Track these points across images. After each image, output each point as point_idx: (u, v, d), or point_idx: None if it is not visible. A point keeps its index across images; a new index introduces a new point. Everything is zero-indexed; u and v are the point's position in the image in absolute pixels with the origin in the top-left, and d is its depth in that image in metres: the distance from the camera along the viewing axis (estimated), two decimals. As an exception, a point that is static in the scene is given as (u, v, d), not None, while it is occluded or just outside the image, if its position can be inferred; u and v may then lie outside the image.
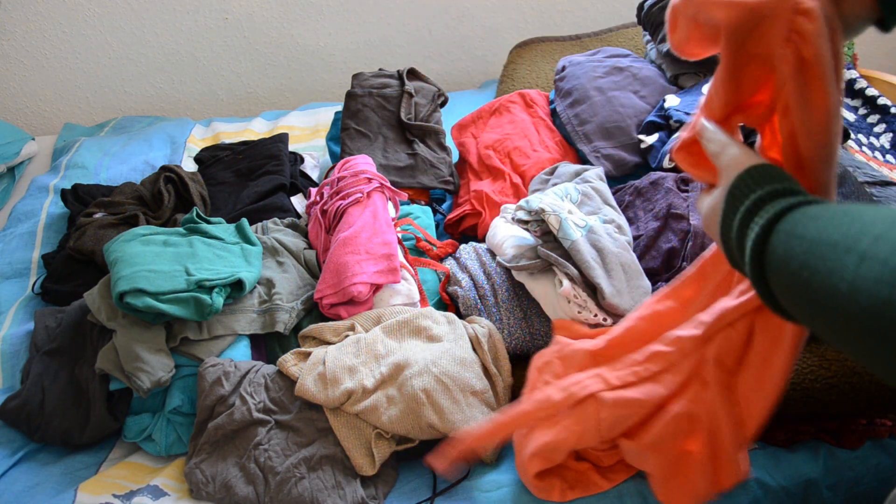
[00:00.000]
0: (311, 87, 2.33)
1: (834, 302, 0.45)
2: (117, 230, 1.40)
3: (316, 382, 1.04)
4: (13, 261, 1.53)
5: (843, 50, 0.72)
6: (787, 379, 0.76)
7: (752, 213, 0.56)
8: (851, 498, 1.00)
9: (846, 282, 0.43)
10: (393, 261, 1.19)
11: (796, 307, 0.52)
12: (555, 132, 1.55)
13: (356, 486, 0.99)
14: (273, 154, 1.63)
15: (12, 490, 1.06)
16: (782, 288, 0.52)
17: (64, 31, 2.14)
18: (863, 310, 0.42)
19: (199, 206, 1.48)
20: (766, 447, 1.02)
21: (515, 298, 1.16)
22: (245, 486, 1.00)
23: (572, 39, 1.99)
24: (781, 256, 0.51)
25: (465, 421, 1.00)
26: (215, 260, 1.22)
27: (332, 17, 2.21)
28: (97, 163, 1.82)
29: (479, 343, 1.10)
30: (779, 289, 0.53)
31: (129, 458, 1.12)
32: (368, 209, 1.28)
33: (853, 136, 1.54)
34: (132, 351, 1.08)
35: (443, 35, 2.28)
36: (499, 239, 1.22)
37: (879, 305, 0.41)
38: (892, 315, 0.40)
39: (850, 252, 0.44)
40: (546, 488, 0.95)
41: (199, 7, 2.14)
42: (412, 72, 1.71)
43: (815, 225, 0.49)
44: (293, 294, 1.23)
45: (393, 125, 1.60)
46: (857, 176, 1.13)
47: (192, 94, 2.30)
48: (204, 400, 1.06)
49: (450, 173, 1.53)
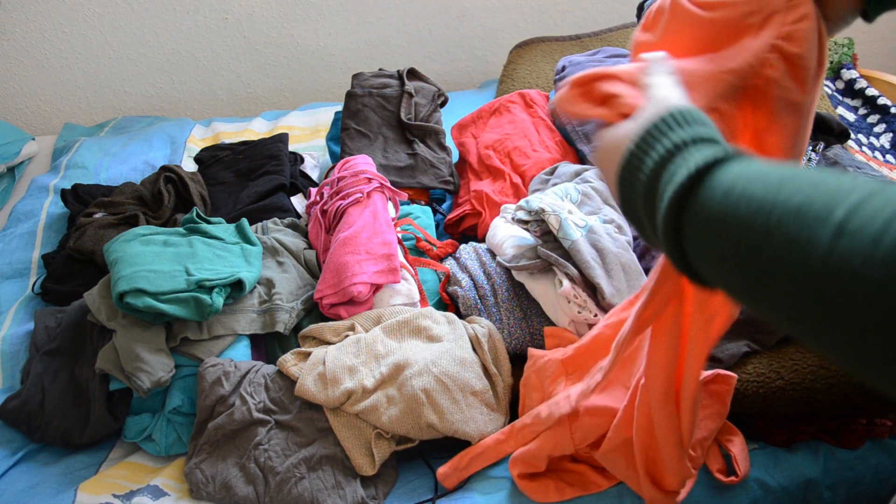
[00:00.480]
0: (311, 87, 2.33)
1: (797, 276, 0.38)
2: (117, 230, 1.40)
3: (316, 382, 1.04)
4: (13, 261, 1.53)
5: (827, 51, 0.72)
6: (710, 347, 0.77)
7: (672, 154, 0.48)
8: (851, 498, 1.00)
9: (817, 257, 0.37)
10: (393, 261, 1.19)
11: (728, 275, 0.44)
12: (555, 132, 1.55)
13: (356, 486, 0.99)
14: (273, 154, 1.63)
15: (12, 490, 1.06)
16: (710, 251, 0.45)
17: (64, 31, 2.14)
18: (843, 291, 0.36)
19: (199, 206, 1.48)
20: (766, 447, 1.02)
21: (515, 298, 1.16)
22: (245, 486, 1.00)
23: (572, 39, 1.99)
24: (716, 215, 0.43)
25: (465, 421, 1.01)
26: (215, 260, 1.22)
27: (332, 17, 2.21)
28: (97, 163, 1.82)
29: (479, 343, 1.10)
30: (704, 251, 0.45)
31: (129, 458, 1.12)
32: (368, 209, 1.28)
33: (853, 136, 1.54)
34: (132, 351, 1.08)
35: (443, 35, 2.28)
36: (499, 239, 1.22)
37: (873, 289, 0.34)
38: (890, 301, 0.34)
39: (820, 222, 0.37)
40: (540, 489, 0.97)
41: (199, 7, 2.14)
42: (412, 72, 1.71)
43: (765, 184, 0.41)
44: (293, 294, 1.23)
45: (393, 125, 1.60)
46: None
47: (192, 94, 2.30)
48: (204, 400, 1.06)
49: (450, 173, 1.53)
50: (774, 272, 0.40)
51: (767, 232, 0.40)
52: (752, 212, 0.41)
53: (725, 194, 0.43)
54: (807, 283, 0.38)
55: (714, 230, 0.44)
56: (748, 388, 0.99)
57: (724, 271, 0.44)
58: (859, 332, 0.36)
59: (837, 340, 0.38)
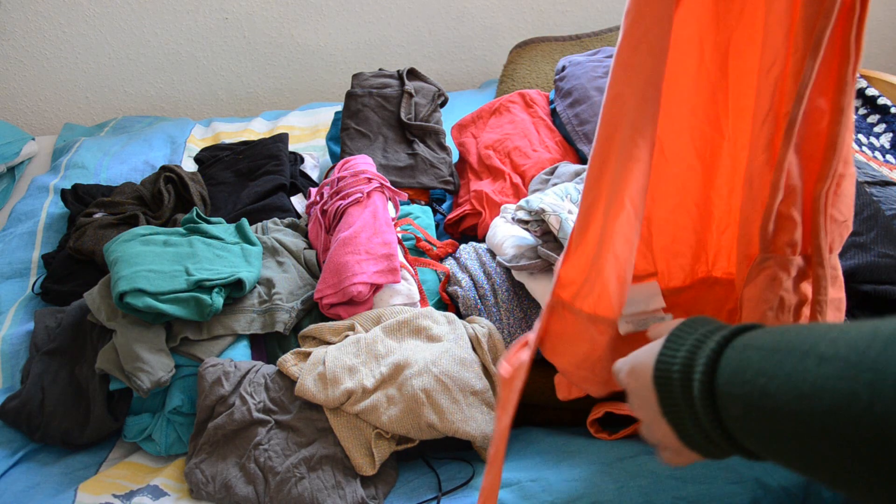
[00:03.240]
0: (311, 87, 2.33)
1: (796, 405, 0.42)
2: (117, 230, 1.40)
3: (316, 382, 1.04)
4: (13, 261, 1.53)
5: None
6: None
7: (701, 343, 0.53)
8: (851, 498, 1.00)
9: (808, 383, 0.41)
10: (393, 261, 1.19)
11: (751, 424, 0.47)
12: (555, 132, 1.55)
13: (356, 486, 0.99)
14: (273, 154, 1.63)
15: (12, 490, 1.06)
16: (735, 402, 0.48)
17: (64, 31, 2.14)
18: (826, 410, 0.40)
19: (199, 206, 1.48)
20: (767, 447, 1.02)
21: (515, 298, 1.16)
22: (245, 486, 1.00)
23: (572, 39, 1.99)
24: (735, 367, 0.48)
25: (465, 421, 1.00)
26: (215, 260, 1.22)
27: (332, 17, 2.21)
28: (97, 163, 1.82)
29: (479, 343, 1.10)
30: (731, 405, 0.49)
31: (129, 458, 1.12)
32: (368, 209, 1.28)
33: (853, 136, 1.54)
34: (132, 351, 1.08)
35: (443, 35, 2.28)
36: (499, 239, 1.22)
37: (841, 401, 0.39)
38: (854, 411, 0.38)
39: (808, 355, 0.42)
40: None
41: (199, 7, 2.14)
42: (412, 72, 1.71)
43: (770, 336, 0.47)
44: (293, 294, 1.23)
45: (393, 125, 1.60)
46: (857, 176, 1.13)
47: (192, 94, 2.30)
48: (204, 400, 1.06)
49: (450, 173, 1.53)
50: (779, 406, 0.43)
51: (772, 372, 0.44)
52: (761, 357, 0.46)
53: (742, 349, 0.48)
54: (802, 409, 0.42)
55: (736, 380, 0.47)
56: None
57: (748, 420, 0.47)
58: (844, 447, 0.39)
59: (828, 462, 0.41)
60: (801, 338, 0.44)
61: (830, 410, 0.39)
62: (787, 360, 0.43)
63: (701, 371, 0.51)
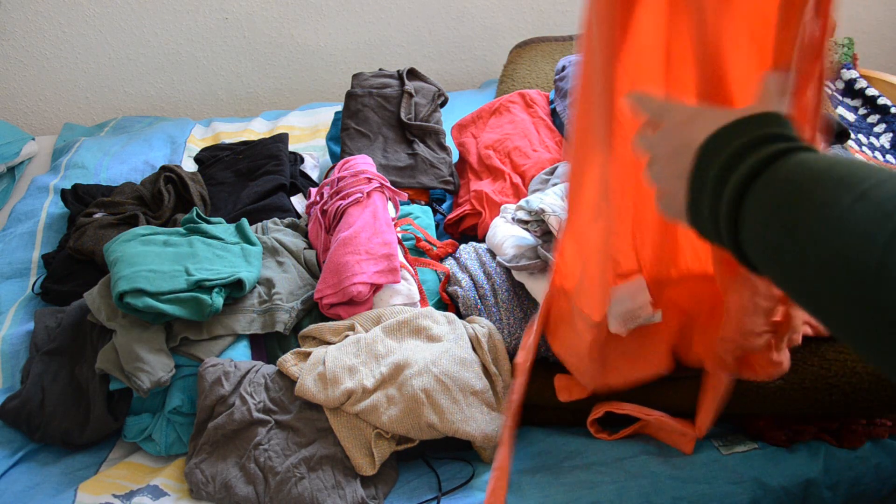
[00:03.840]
0: (311, 87, 2.33)
1: (815, 229, 0.43)
2: (117, 230, 1.40)
3: (316, 382, 1.04)
4: (13, 261, 1.53)
5: None
6: None
7: (762, 142, 0.51)
8: (851, 498, 1.00)
9: (835, 217, 0.41)
10: (393, 261, 1.19)
11: (765, 230, 0.47)
12: (555, 132, 1.55)
13: (356, 486, 0.99)
14: (273, 154, 1.63)
15: (12, 490, 1.06)
16: (762, 208, 0.48)
17: (64, 31, 2.14)
18: (837, 246, 0.40)
19: (199, 206, 1.48)
20: (766, 447, 1.02)
21: (515, 298, 1.16)
22: (245, 486, 1.00)
23: (572, 39, 1.99)
24: (779, 178, 0.47)
25: (465, 421, 1.00)
26: (215, 260, 1.22)
27: (332, 17, 2.21)
28: (97, 163, 1.82)
29: (479, 343, 1.10)
30: (758, 209, 0.48)
31: (129, 458, 1.11)
32: (368, 209, 1.28)
33: (853, 136, 1.54)
34: (132, 351, 1.08)
35: (443, 35, 2.28)
36: (499, 239, 1.22)
37: (856, 240, 0.39)
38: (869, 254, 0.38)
39: (849, 189, 0.42)
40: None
41: (199, 7, 2.14)
42: (412, 72, 1.71)
43: (825, 164, 0.46)
44: (293, 294, 1.23)
45: (393, 125, 1.60)
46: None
47: (192, 94, 2.30)
48: (204, 400, 1.06)
49: (450, 173, 1.53)
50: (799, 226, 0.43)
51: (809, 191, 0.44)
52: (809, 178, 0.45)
53: (796, 166, 0.47)
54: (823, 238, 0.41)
55: (774, 190, 0.47)
56: (748, 387, 0.99)
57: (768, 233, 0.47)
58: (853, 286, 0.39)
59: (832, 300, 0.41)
60: (852, 169, 0.44)
61: (841, 249, 0.40)
62: (829, 186, 0.43)
63: (749, 166, 0.49)
